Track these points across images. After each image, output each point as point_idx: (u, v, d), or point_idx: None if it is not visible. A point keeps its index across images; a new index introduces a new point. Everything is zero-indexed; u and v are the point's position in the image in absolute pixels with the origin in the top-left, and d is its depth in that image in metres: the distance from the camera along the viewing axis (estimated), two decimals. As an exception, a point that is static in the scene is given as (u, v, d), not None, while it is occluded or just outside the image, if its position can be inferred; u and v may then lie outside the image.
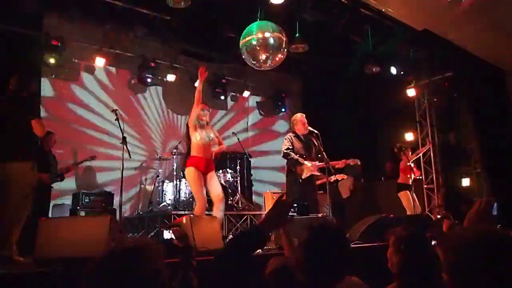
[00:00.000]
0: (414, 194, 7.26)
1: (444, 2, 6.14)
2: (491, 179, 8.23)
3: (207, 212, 6.93)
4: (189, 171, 5.06)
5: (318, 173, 5.68)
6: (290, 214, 1.64)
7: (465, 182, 8.71)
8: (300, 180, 5.57)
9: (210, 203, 5.42)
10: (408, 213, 6.94)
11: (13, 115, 3.65)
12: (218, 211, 5.05)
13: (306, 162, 5.57)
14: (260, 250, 3.08)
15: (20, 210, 3.54)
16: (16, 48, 6.28)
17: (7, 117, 3.66)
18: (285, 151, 5.66)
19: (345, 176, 7.33)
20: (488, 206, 1.80)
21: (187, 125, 5.77)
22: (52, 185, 6.11)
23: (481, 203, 1.82)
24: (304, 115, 5.85)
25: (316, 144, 5.67)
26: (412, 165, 7.24)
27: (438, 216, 8.15)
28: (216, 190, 5.16)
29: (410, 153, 7.40)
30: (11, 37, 6.37)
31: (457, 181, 8.85)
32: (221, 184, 7.47)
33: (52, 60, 6.83)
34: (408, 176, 7.23)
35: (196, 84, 8.30)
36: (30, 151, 3.72)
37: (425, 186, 8.87)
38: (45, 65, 6.88)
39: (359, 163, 6.09)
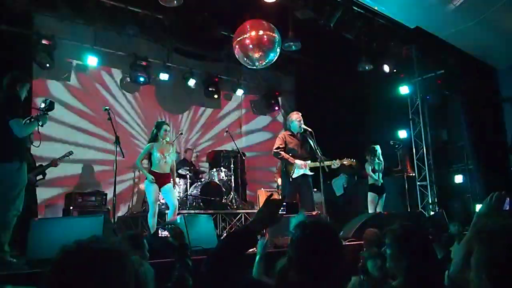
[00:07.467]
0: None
1: (436, 0, 6.17)
2: (483, 176, 8.28)
3: (203, 211, 6.97)
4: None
5: (310, 173, 5.68)
6: (280, 212, 1.61)
7: (458, 178, 8.77)
8: (291, 179, 5.57)
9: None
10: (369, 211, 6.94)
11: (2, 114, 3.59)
12: None
13: (296, 161, 5.56)
14: (251, 249, 3.07)
15: (11, 211, 3.50)
16: (6, 48, 6.20)
17: None
18: (275, 150, 5.67)
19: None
20: (498, 201, 1.71)
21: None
22: (37, 184, 5.68)
23: (491, 198, 1.73)
24: (299, 113, 5.86)
25: (310, 142, 5.66)
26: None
27: (432, 213, 8.22)
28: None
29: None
30: (1, 36, 6.30)
31: (449, 178, 8.90)
32: (215, 182, 7.49)
33: (43, 59, 6.76)
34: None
35: (189, 83, 8.34)
36: (19, 151, 3.67)
37: (418, 183, 8.92)
38: (36, 64, 6.81)
39: (355, 163, 6.07)
